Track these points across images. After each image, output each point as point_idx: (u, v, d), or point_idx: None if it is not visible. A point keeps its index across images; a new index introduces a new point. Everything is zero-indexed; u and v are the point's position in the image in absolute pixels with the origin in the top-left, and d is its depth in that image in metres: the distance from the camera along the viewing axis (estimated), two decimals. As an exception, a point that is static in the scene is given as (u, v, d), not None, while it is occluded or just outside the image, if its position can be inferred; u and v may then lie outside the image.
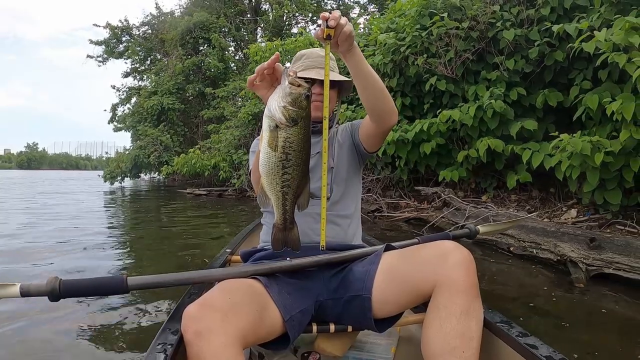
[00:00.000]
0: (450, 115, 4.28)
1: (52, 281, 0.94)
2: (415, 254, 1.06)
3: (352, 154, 1.35)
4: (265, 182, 0.89)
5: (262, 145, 0.87)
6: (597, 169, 3.14)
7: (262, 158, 0.87)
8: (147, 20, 19.46)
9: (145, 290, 2.03)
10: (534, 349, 0.91)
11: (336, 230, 1.26)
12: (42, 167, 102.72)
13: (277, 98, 0.85)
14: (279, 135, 0.84)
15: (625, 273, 2.37)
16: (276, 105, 0.84)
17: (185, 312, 0.85)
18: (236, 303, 0.89)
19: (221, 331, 0.82)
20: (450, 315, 0.93)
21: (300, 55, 1.36)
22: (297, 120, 0.85)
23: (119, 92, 19.65)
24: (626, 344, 1.78)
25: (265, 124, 0.86)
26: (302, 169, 0.88)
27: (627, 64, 2.79)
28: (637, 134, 2.91)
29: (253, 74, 0.95)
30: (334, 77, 1.26)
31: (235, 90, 13.04)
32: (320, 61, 1.30)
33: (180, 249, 3.75)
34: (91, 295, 0.98)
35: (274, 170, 0.87)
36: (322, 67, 1.27)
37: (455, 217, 4.08)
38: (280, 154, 0.85)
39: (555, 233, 2.91)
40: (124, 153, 16.81)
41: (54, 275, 0.96)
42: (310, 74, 1.27)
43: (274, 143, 0.85)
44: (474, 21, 4.40)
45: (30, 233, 4.51)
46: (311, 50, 1.35)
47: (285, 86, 0.85)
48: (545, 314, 2.12)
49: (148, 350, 0.84)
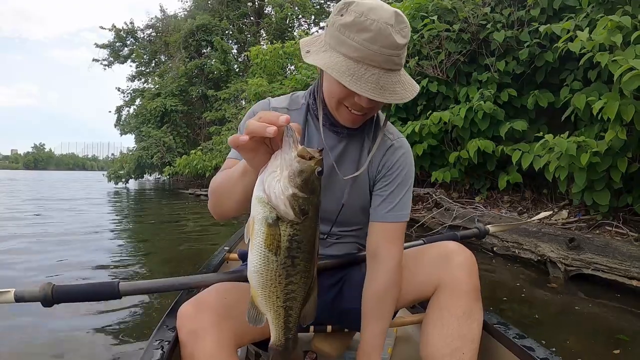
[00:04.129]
0: (441, 117, 4.30)
1: (45, 287, 0.92)
2: (418, 254, 1.03)
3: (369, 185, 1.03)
4: (260, 296, 0.62)
5: (254, 244, 0.59)
6: (583, 169, 3.13)
7: (256, 263, 0.60)
8: (152, 23, 19.68)
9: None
10: (530, 351, 0.92)
11: (347, 247, 1.10)
12: (48, 167, 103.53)
13: (280, 179, 0.57)
14: (281, 232, 0.58)
15: (604, 274, 2.37)
16: (280, 191, 0.57)
17: (180, 311, 0.83)
18: (231, 303, 0.86)
19: (215, 331, 0.80)
20: (451, 317, 0.91)
21: (363, 27, 0.78)
22: (308, 211, 0.59)
23: (124, 94, 19.90)
24: (592, 343, 1.79)
25: (259, 214, 0.58)
26: (311, 273, 0.64)
27: (611, 64, 2.79)
28: (622, 134, 2.90)
29: (244, 133, 0.59)
30: (403, 96, 0.84)
31: (236, 92, 13.16)
32: (389, 58, 0.80)
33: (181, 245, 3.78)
34: (84, 300, 0.95)
35: (274, 281, 0.61)
36: (388, 69, 0.81)
37: (443, 217, 4.10)
38: (283, 259, 0.59)
39: (536, 233, 2.91)
40: (128, 154, 17.00)
41: (47, 281, 0.94)
42: (369, 84, 0.79)
43: (275, 243, 0.58)
44: (465, 23, 4.41)
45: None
46: (382, 22, 0.78)
47: (292, 160, 0.57)
48: (514, 312, 2.14)
49: (145, 347, 0.85)
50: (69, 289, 0.94)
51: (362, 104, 0.85)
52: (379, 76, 0.80)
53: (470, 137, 4.33)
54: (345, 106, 0.89)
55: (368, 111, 0.90)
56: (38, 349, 1.74)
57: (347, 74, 0.79)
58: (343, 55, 0.81)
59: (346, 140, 0.99)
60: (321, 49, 0.85)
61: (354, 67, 0.79)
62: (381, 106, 0.94)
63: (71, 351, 1.72)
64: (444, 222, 3.96)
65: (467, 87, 4.52)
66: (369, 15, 0.78)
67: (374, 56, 0.79)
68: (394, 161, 1.01)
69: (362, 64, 0.79)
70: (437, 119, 4.36)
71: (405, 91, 0.85)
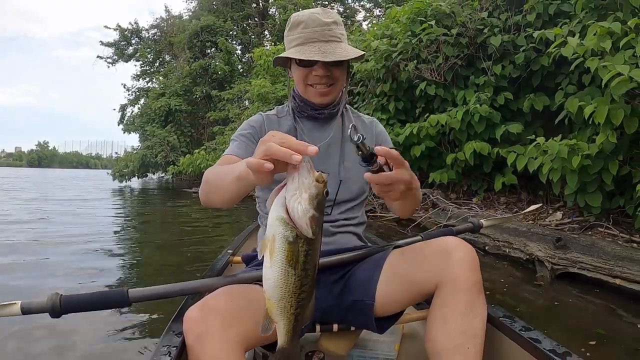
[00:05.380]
0: (438, 119, 4.39)
1: (53, 297, 0.90)
2: (418, 251, 1.03)
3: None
4: (276, 307, 0.70)
5: (275, 260, 0.65)
6: (575, 171, 3.20)
7: (276, 278, 0.66)
8: (157, 23, 19.85)
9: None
10: (537, 342, 0.91)
11: (347, 237, 1.17)
12: (52, 165, 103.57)
13: (301, 201, 0.64)
14: (299, 248, 0.66)
15: (589, 272, 2.44)
16: (303, 213, 0.63)
17: (187, 315, 0.84)
18: (238, 307, 0.86)
19: (222, 335, 0.80)
20: (454, 312, 0.91)
21: (297, 22, 1.08)
22: (321, 228, 0.67)
23: (129, 92, 20.07)
24: (570, 335, 1.86)
25: (280, 233, 0.65)
26: (315, 280, 0.71)
27: (601, 69, 2.86)
28: (613, 138, 2.98)
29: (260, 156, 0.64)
30: (344, 55, 1.04)
31: (240, 92, 13.27)
32: (323, 33, 1.05)
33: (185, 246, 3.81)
34: (93, 309, 0.92)
35: (290, 292, 0.68)
36: (326, 40, 1.05)
37: (439, 217, 4.19)
38: (300, 272, 0.67)
39: (525, 233, 2.99)
40: (132, 153, 17.16)
41: (54, 292, 0.92)
42: (312, 52, 1.03)
43: (294, 259, 0.66)
44: (463, 27, 4.50)
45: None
46: (310, 13, 1.07)
47: (311, 185, 0.64)
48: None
49: (153, 353, 0.85)
50: (77, 298, 0.92)
51: (318, 74, 1.06)
52: (320, 46, 1.04)
53: (467, 140, 4.41)
54: (310, 85, 1.09)
55: (327, 81, 1.08)
56: (42, 354, 1.71)
57: (297, 53, 1.05)
58: (293, 47, 1.07)
59: (330, 126, 1.16)
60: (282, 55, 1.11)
61: (301, 48, 1.05)
62: (342, 82, 1.13)
63: (77, 358, 1.70)
64: (439, 222, 4.05)
65: (464, 90, 4.60)
66: (300, 15, 1.08)
67: (311, 34, 1.05)
68: (376, 130, 1.22)
69: (306, 45, 1.05)
70: (435, 122, 4.45)
71: (346, 52, 1.05)
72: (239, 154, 1.08)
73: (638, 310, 2.12)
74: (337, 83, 1.10)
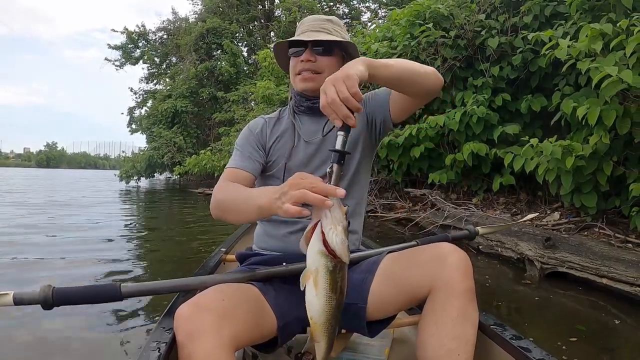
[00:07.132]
0: (437, 121, 4.44)
1: (45, 289, 0.89)
2: (412, 256, 1.03)
3: (367, 136, 1.19)
4: (321, 329, 0.78)
5: (320, 289, 0.74)
6: (569, 172, 3.23)
7: (322, 305, 0.75)
8: (163, 26, 20.10)
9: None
10: (527, 352, 0.91)
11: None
12: (60, 165, 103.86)
13: (337, 234, 0.72)
14: (337, 275, 0.75)
15: (577, 272, 2.48)
16: (341, 243, 0.72)
17: (178, 312, 0.83)
18: (230, 305, 0.86)
19: (214, 333, 0.80)
20: (446, 318, 0.91)
21: (299, 24, 1.22)
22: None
23: (136, 95, 20.34)
24: (551, 331, 1.90)
25: (322, 265, 0.74)
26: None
27: (592, 70, 2.90)
28: (606, 139, 3.01)
29: (294, 201, 0.74)
30: (329, 36, 1.11)
31: (245, 94, 13.40)
32: (315, 24, 1.14)
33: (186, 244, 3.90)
34: (85, 303, 0.93)
35: (332, 314, 0.77)
36: (317, 31, 1.13)
37: (436, 217, 4.24)
38: (339, 295, 0.76)
39: (517, 232, 3.04)
40: (139, 154, 17.40)
41: (47, 284, 0.91)
42: (302, 37, 1.12)
43: (336, 285, 0.74)
44: (461, 29, 4.54)
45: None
46: (313, 16, 1.21)
47: (342, 218, 0.73)
48: (483, 303, 2.25)
49: (142, 348, 0.85)
50: (69, 291, 0.92)
51: (303, 59, 1.12)
52: (308, 34, 1.12)
53: (466, 141, 4.45)
54: (298, 74, 1.14)
55: (311, 67, 1.12)
56: (33, 349, 1.72)
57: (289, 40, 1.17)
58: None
59: (326, 120, 1.11)
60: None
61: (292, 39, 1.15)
62: (328, 71, 1.10)
63: (66, 352, 1.70)
64: (436, 222, 4.10)
65: (463, 91, 4.65)
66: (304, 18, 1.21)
67: (302, 26, 1.16)
68: (367, 106, 1.19)
69: (297, 36, 1.14)
70: (434, 123, 4.50)
71: (330, 37, 1.12)
72: (244, 166, 1.14)
73: (621, 309, 2.16)
74: (323, 73, 1.11)
